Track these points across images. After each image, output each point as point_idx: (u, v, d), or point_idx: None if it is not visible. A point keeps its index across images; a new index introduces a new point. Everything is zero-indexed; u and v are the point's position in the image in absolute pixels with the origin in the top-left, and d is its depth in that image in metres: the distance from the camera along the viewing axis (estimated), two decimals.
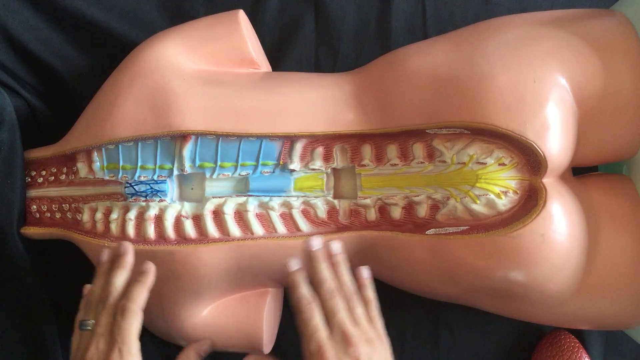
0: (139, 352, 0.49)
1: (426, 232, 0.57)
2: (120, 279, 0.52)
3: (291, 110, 0.59)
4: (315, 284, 0.49)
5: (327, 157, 0.60)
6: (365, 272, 0.53)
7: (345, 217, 0.60)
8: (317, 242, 0.52)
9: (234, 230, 0.59)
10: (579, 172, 0.63)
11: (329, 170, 0.61)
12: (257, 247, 0.59)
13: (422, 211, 0.58)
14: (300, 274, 0.50)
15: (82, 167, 0.63)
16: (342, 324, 0.47)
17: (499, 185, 0.55)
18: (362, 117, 0.59)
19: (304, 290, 0.49)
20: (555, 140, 0.53)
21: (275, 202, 0.59)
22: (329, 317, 0.47)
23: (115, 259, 0.53)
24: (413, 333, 0.74)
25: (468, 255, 0.55)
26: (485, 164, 0.55)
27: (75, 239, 0.63)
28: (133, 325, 0.49)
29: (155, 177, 0.60)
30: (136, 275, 0.52)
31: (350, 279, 0.51)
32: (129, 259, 0.53)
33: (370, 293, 0.52)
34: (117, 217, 0.61)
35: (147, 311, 0.62)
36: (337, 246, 0.53)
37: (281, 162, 0.59)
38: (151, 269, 0.53)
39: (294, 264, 0.51)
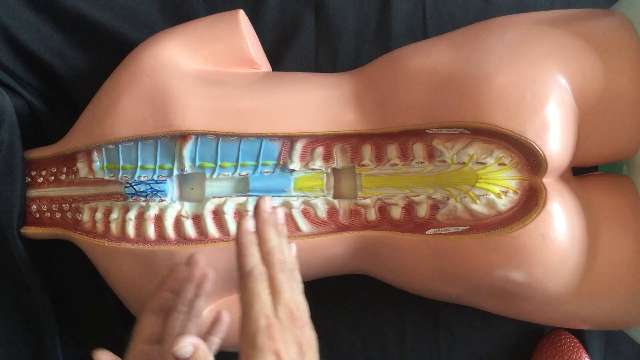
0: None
1: (426, 232, 0.57)
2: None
3: (291, 110, 0.59)
4: (263, 251, 0.46)
5: (327, 157, 0.60)
6: (294, 249, 0.51)
7: (345, 217, 0.60)
8: (269, 203, 0.49)
9: (234, 230, 0.59)
10: (579, 172, 0.63)
11: (329, 170, 0.61)
12: None
13: (422, 211, 0.58)
14: (254, 237, 0.47)
15: (82, 167, 0.63)
16: (290, 302, 0.44)
17: (499, 185, 0.55)
18: (362, 117, 0.59)
19: (258, 259, 0.46)
20: (555, 140, 0.53)
21: (275, 202, 0.59)
22: (275, 292, 0.44)
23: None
24: (413, 333, 0.74)
25: (468, 255, 0.55)
26: (485, 163, 0.55)
27: (75, 239, 0.63)
28: None
29: (155, 177, 0.60)
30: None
31: (290, 256, 0.48)
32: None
33: (299, 275, 0.48)
34: (117, 217, 0.61)
35: None
36: (281, 215, 0.51)
37: (281, 162, 0.60)
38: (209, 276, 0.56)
39: (251, 224, 0.48)
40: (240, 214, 0.59)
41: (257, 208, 0.49)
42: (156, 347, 0.50)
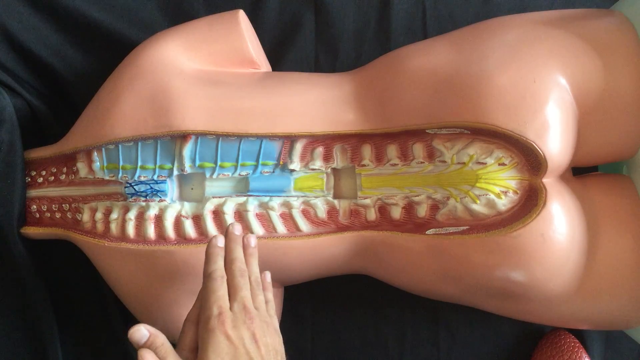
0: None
1: (426, 232, 0.57)
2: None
3: (291, 110, 0.59)
4: (227, 261, 0.51)
5: (327, 157, 0.60)
6: (268, 277, 0.56)
7: (345, 217, 0.60)
8: (238, 228, 0.54)
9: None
10: (579, 172, 0.63)
11: (329, 170, 0.61)
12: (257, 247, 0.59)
13: (422, 211, 0.58)
14: (221, 250, 0.52)
15: (82, 167, 0.63)
16: (245, 299, 0.48)
17: (499, 185, 0.55)
18: (362, 117, 0.59)
19: (220, 265, 0.51)
20: (555, 140, 0.53)
21: (275, 202, 0.59)
22: (233, 292, 0.49)
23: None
24: (413, 333, 0.74)
25: (468, 255, 0.55)
26: (485, 164, 0.55)
27: (75, 239, 0.63)
28: None
29: (155, 177, 0.60)
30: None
31: (258, 273, 0.53)
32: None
33: (271, 295, 0.54)
34: (117, 217, 0.61)
35: (146, 310, 0.63)
36: (253, 240, 0.55)
37: (281, 162, 0.60)
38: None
39: (220, 241, 0.53)
40: (240, 214, 0.59)
41: (227, 230, 0.54)
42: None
